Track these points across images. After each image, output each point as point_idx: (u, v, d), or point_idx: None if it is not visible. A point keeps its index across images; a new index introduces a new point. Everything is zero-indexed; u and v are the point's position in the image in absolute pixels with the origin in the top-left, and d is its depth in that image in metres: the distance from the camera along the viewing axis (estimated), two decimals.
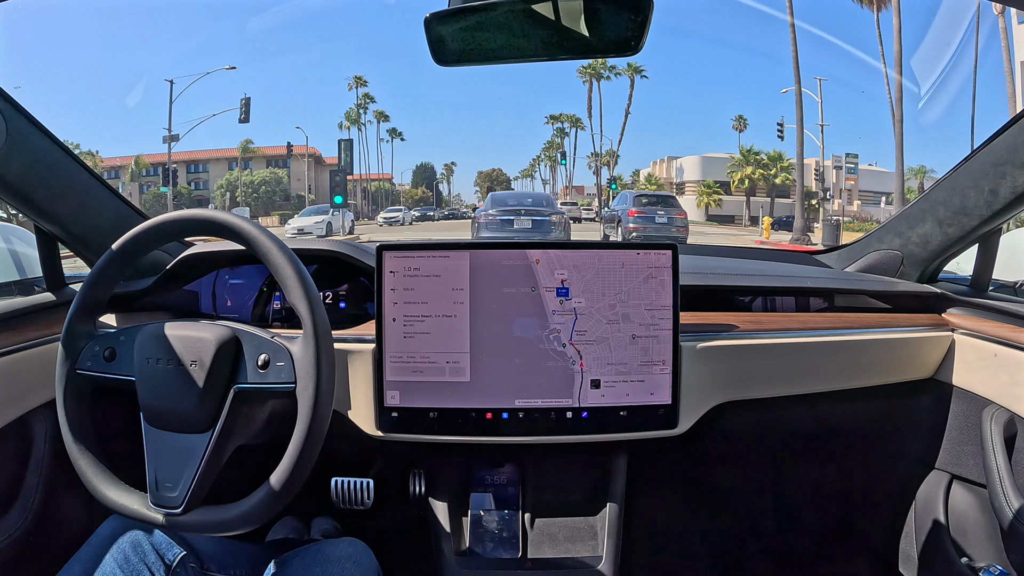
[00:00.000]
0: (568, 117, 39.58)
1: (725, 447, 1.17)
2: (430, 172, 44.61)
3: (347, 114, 37.89)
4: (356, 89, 37.32)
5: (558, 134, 40.61)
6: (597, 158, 35.09)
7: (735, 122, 30.60)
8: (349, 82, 37.05)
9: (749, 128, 29.60)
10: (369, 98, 37.99)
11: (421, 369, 0.84)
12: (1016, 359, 0.86)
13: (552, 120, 40.53)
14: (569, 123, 40.02)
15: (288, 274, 0.67)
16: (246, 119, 20.63)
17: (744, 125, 30.54)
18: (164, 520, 0.66)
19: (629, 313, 0.84)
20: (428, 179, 43.66)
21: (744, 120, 30.48)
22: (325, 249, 0.97)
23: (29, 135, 0.84)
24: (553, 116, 39.93)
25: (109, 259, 0.72)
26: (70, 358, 0.71)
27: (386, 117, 39.85)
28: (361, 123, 38.17)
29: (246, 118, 20.63)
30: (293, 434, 0.65)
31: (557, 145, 41.40)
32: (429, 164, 45.15)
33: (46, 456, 0.88)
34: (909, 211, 1.06)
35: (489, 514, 0.95)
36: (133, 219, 1.02)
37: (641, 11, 0.66)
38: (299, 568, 0.74)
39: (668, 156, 31.93)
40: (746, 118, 30.40)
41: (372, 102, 38.19)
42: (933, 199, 1.00)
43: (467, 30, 0.71)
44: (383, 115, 39.68)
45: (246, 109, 20.70)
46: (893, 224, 1.11)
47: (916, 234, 1.05)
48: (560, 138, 40.34)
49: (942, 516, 0.97)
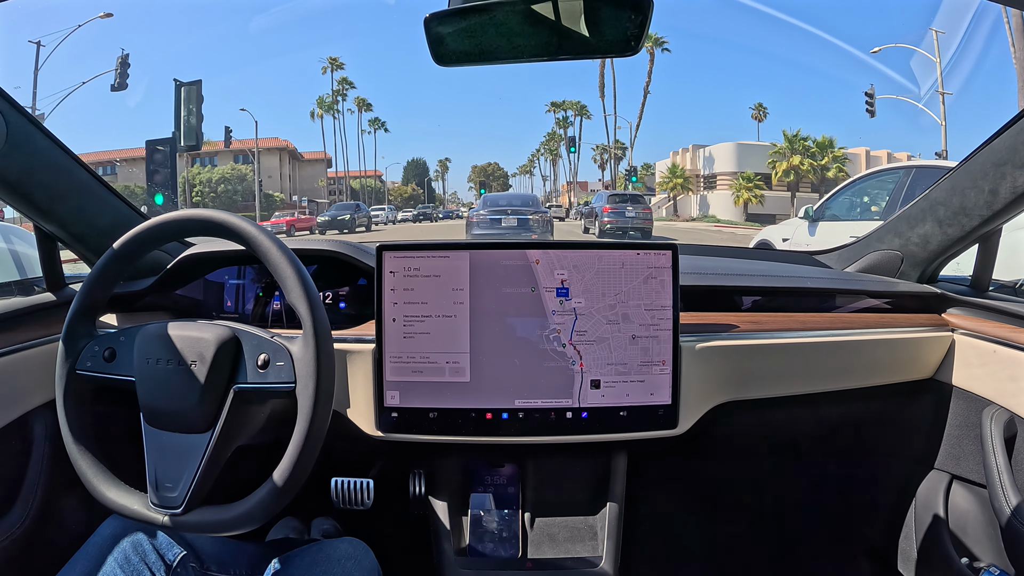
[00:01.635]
0: (572, 104, 35.83)
1: (725, 447, 1.17)
2: (422, 168, 41.87)
3: (320, 100, 33.48)
4: (331, 73, 33.10)
5: (560, 124, 37.28)
6: (608, 151, 32.06)
7: (754, 111, 27.82)
8: (324, 65, 32.87)
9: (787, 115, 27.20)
10: (348, 83, 33.73)
11: (421, 369, 0.84)
12: (1016, 359, 0.86)
13: (554, 108, 36.80)
14: (574, 111, 36.17)
15: (288, 274, 0.67)
16: (122, 85, 14.16)
17: (764, 114, 27.62)
18: (164, 520, 0.66)
19: (629, 313, 0.84)
20: (420, 176, 41.07)
21: (764, 109, 27.63)
22: (325, 249, 0.98)
23: (29, 135, 0.84)
24: (555, 103, 36.32)
25: (109, 259, 0.72)
26: (70, 358, 0.71)
27: (368, 106, 35.52)
28: (337, 110, 33.56)
29: (122, 83, 14.18)
30: (293, 434, 0.65)
31: (559, 137, 38.25)
32: (421, 160, 42.33)
33: (46, 456, 0.88)
34: (909, 211, 1.06)
35: (489, 514, 0.95)
36: (133, 219, 1.02)
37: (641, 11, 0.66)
38: (299, 568, 0.74)
39: (693, 144, 27.05)
40: (766, 106, 27.58)
41: (351, 88, 34.06)
42: (933, 199, 1.00)
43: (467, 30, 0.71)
44: (365, 103, 35.34)
45: (122, 70, 13.86)
46: (893, 224, 1.11)
47: (916, 234, 1.05)
48: (563, 128, 37.02)
49: (942, 516, 0.97)
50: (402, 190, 40.18)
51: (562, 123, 37.13)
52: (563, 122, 37.09)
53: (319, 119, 34.11)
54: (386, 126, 37.03)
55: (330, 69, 33.75)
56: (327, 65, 33.32)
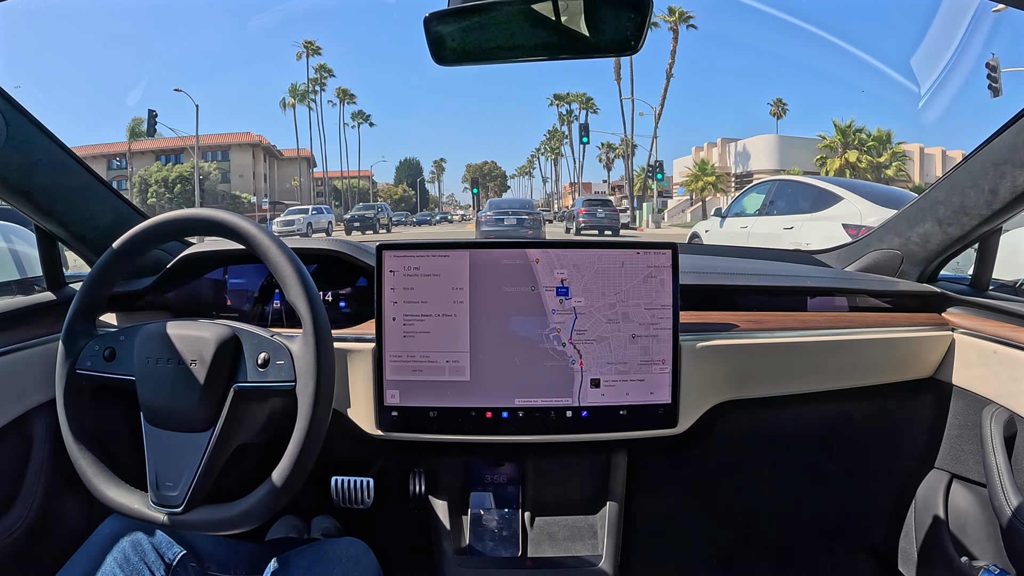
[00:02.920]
0: (577, 97, 32.87)
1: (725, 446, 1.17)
2: (415, 168, 39.69)
3: (292, 87, 29.41)
4: (307, 58, 29.12)
5: (563, 120, 34.41)
6: (626, 142, 28.96)
7: (772, 107, 25.53)
8: (299, 51, 28.95)
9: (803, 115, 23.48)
10: (326, 71, 29.73)
11: (421, 368, 0.84)
12: (1016, 358, 0.86)
13: (558, 101, 33.60)
14: (579, 104, 33.07)
15: (287, 272, 0.67)
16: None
17: (783, 110, 25.14)
18: (165, 519, 0.66)
19: (629, 312, 0.84)
20: (413, 176, 39.01)
21: (784, 105, 25.11)
22: (325, 248, 0.98)
23: (29, 135, 0.84)
24: (559, 96, 33.28)
25: (109, 259, 0.72)
26: (70, 358, 0.71)
27: (351, 96, 31.71)
28: (313, 100, 29.37)
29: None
30: (293, 432, 0.65)
31: (560, 135, 35.92)
32: (414, 159, 40.12)
33: (46, 455, 0.88)
34: (909, 211, 1.07)
35: (489, 513, 0.95)
36: (133, 219, 1.02)
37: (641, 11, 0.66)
38: (299, 567, 0.74)
39: (722, 138, 23.93)
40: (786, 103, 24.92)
41: (330, 76, 30.14)
42: (933, 198, 1.00)
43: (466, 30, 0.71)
44: (347, 94, 31.40)
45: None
46: (893, 223, 1.11)
47: (916, 233, 1.05)
48: (567, 124, 34.28)
49: (942, 515, 0.97)
50: (392, 191, 37.52)
51: (565, 118, 35.04)
52: (567, 117, 34.80)
53: (291, 109, 30.06)
54: (371, 119, 33.79)
55: (306, 55, 29.74)
56: (302, 51, 29.45)
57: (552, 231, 18.59)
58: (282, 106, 30.22)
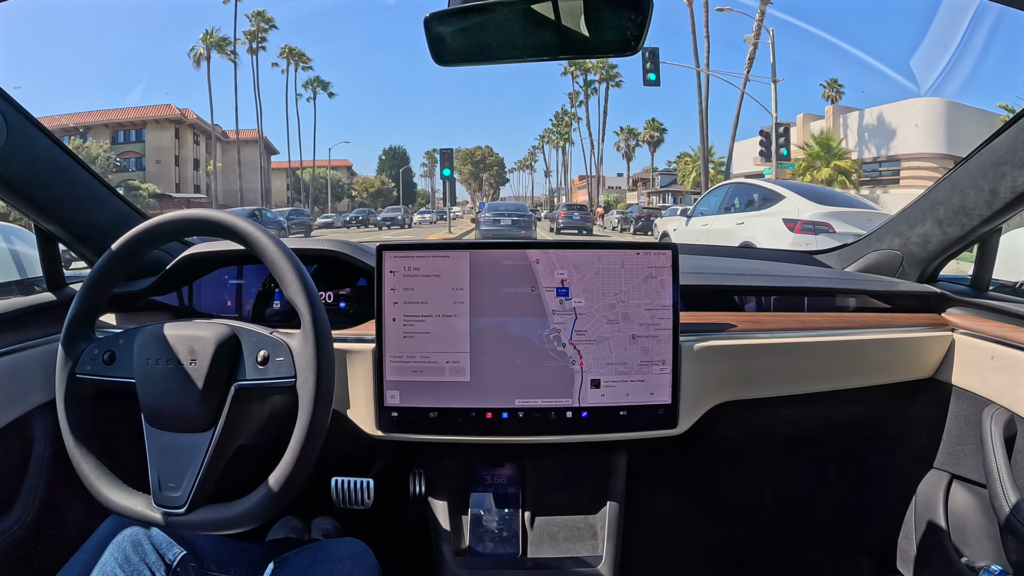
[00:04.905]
0: (597, 67, 27.27)
1: (725, 447, 1.17)
2: (401, 158, 34.30)
3: (205, 34, 20.34)
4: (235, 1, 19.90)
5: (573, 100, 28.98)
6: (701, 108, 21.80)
7: (826, 88, 19.92)
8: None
9: None
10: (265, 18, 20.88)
11: (421, 369, 0.84)
12: (1016, 359, 0.86)
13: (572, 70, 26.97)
14: (599, 75, 26.92)
15: (285, 269, 0.67)
16: None
17: (839, 93, 19.49)
18: (167, 521, 0.66)
19: (629, 313, 0.84)
20: (398, 166, 34.01)
21: (839, 86, 19.48)
22: (325, 249, 0.98)
23: (29, 135, 0.84)
24: (574, 63, 25.03)
25: (108, 260, 0.72)
26: (70, 362, 0.71)
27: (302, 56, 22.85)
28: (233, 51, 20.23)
29: None
30: (294, 430, 0.65)
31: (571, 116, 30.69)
32: (400, 148, 34.54)
33: (46, 456, 0.88)
34: (909, 211, 1.07)
35: (489, 513, 0.95)
36: (133, 219, 1.02)
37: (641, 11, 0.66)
38: (299, 568, 0.74)
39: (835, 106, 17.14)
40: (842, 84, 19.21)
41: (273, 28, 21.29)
42: (933, 199, 1.00)
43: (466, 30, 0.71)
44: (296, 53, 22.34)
45: None
46: (893, 224, 1.11)
47: (916, 234, 1.05)
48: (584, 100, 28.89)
49: (942, 515, 0.97)
50: (368, 182, 30.69)
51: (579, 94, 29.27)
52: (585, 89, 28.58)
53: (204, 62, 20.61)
54: (330, 89, 25.13)
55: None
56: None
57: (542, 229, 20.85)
58: (193, 60, 20.95)
